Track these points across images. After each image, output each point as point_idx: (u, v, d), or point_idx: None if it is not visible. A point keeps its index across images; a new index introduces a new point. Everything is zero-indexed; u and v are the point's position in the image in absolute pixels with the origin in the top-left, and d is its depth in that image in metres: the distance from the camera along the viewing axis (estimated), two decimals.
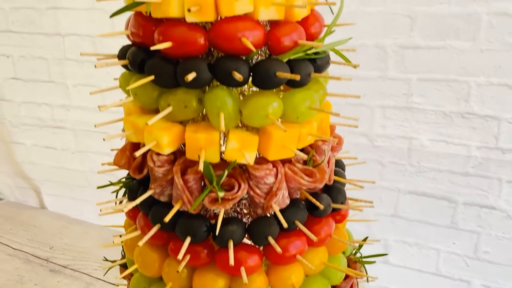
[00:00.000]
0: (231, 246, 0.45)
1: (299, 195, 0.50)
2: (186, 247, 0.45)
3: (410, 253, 1.07)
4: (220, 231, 0.45)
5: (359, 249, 0.62)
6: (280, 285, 0.50)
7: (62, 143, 1.39)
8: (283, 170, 0.46)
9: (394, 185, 1.03)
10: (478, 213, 0.98)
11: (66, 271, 1.15)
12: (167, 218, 0.43)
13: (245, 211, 0.50)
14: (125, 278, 0.59)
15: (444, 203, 1.00)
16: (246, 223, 0.48)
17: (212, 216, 0.50)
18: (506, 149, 0.91)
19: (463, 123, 0.92)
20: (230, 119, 0.43)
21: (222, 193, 0.43)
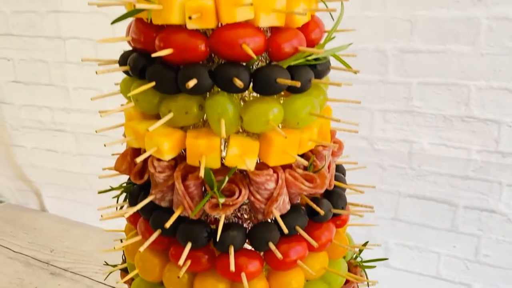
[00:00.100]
0: (231, 251, 0.45)
1: (300, 200, 0.50)
2: (187, 252, 0.45)
3: (410, 256, 1.07)
4: (221, 237, 0.45)
5: (360, 253, 0.62)
6: None
7: (63, 146, 1.39)
8: (283, 175, 0.46)
9: (394, 188, 1.03)
10: (478, 217, 0.98)
11: (66, 274, 1.15)
12: (168, 224, 0.44)
13: (245, 217, 0.51)
14: (126, 283, 0.59)
15: (444, 206, 1.00)
16: (247, 228, 0.48)
17: (212, 221, 0.50)
18: (507, 152, 0.91)
19: (463, 126, 0.92)
20: (231, 125, 0.43)
21: (223, 199, 0.43)
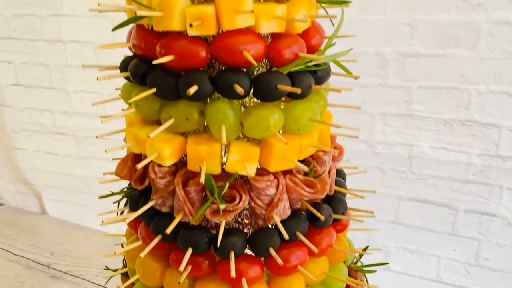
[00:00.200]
0: (232, 257, 0.45)
1: (300, 205, 0.50)
2: (187, 258, 0.45)
3: (411, 260, 1.07)
4: (222, 243, 0.45)
5: (360, 257, 0.62)
6: None
7: (64, 149, 1.40)
8: (284, 181, 0.46)
9: (394, 192, 1.03)
10: (479, 220, 0.98)
11: (67, 277, 1.15)
12: (169, 230, 0.44)
13: (246, 222, 0.51)
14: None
15: (444, 210, 1.00)
16: (247, 234, 0.48)
17: (213, 226, 0.50)
18: (507, 156, 0.91)
19: (464, 130, 0.92)
20: (232, 131, 0.43)
21: (223, 205, 0.43)
